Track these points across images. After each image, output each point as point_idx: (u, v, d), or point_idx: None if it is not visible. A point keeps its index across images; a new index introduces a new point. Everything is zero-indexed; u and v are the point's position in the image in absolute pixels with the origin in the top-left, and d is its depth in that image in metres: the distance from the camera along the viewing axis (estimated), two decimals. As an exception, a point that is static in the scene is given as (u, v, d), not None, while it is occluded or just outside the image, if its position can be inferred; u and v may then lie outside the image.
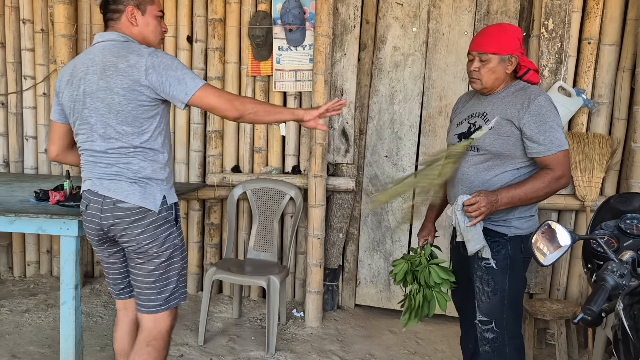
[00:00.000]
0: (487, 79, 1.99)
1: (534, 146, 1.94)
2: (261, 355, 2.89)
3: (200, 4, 3.45)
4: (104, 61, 1.83)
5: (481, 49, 1.98)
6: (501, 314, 2.02)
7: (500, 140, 1.98)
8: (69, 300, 2.41)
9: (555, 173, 1.93)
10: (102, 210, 1.87)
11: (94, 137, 1.87)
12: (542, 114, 1.93)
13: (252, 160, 3.51)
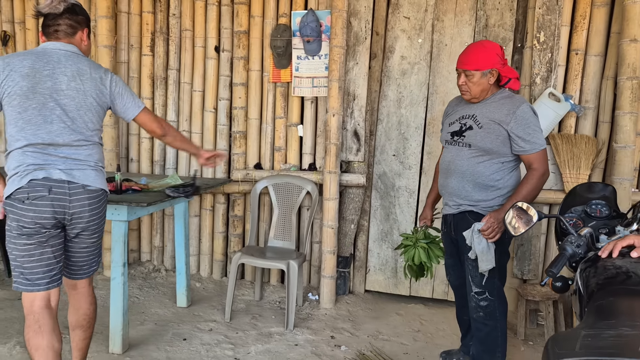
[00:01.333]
0: (474, 91, 2.39)
1: (521, 144, 2.34)
2: (281, 331, 3.25)
3: (227, 17, 3.84)
4: (77, 67, 2.12)
5: (465, 67, 2.37)
6: (493, 284, 2.43)
7: (489, 139, 2.37)
8: (118, 277, 2.80)
9: (539, 171, 2.34)
10: (69, 195, 2.10)
11: (51, 129, 2.07)
12: (526, 119, 2.34)
13: (273, 158, 3.89)
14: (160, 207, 3.13)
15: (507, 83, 2.43)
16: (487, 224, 2.32)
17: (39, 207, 2.06)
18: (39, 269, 2.12)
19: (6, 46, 4.13)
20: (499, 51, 2.39)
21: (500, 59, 2.39)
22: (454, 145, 2.50)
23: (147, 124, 2.38)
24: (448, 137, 2.53)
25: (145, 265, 4.19)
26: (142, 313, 3.43)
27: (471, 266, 2.45)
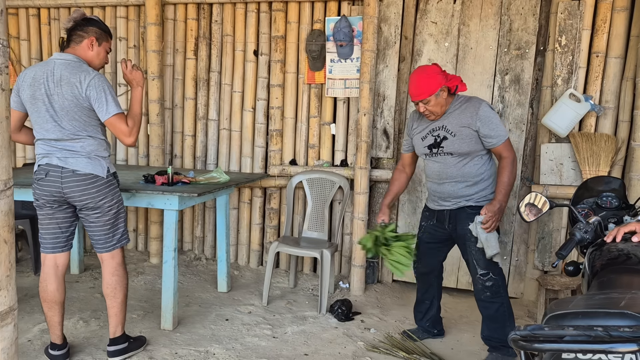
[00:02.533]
0: (436, 111, 2.76)
1: (489, 140, 2.72)
2: (314, 315, 3.51)
3: (265, 23, 4.12)
4: (60, 74, 2.49)
5: (420, 98, 2.72)
6: (495, 264, 2.77)
7: (466, 143, 2.75)
8: (169, 260, 3.10)
9: (509, 158, 2.74)
10: (62, 177, 2.52)
11: (47, 127, 2.51)
12: (488, 117, 2.72)
13: (307, 154, 4.15)
14: (207, 198, 3.43)
15: (457, 89, 2.77)
16: (485, 218, 2.65)
17: (41, 187, 2.56)
18: (47, 236, 2.67)
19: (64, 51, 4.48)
20: (438, 70, 2.73)
21: (443, 75, 2.72)
22: (436, 156, 2.84)
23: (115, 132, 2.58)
24: (426, 151, 2.87)
25: (187, 254, 4.51)
26: (186, 296, 3.73)
27: (474, 252, 2.77)
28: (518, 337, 1.14)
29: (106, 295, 2.76)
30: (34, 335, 3.02)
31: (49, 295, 2.69)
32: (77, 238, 4.11)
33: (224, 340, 3.05)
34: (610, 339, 1.06)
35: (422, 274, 3.16)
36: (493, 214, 2.66)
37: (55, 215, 2.63)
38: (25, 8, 4.55)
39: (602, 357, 1.14)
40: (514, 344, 1.15)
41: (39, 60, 4.61)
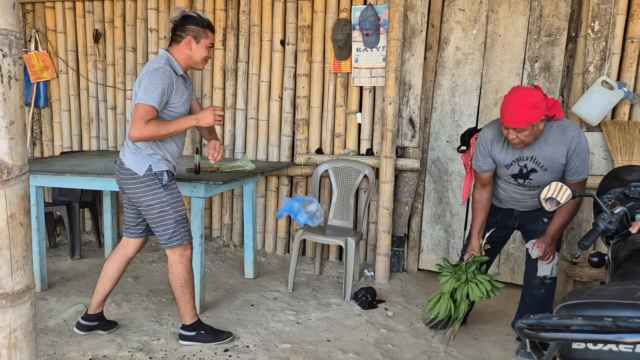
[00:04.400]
0: (527, 141, 2.53)
1: (572, 176, 2.60)
2: (338, 302, 3.55)
3: (292, 13, 4.14)
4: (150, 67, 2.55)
5: (519, 126, 2.44)
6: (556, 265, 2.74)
7: (555, 177, 2.60)
8: (196, 246, 3.18)
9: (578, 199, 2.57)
10: (118, 169, 2.69)
11: None
12: (583, 155, 2.57)
13: (333, 143, 4.18)
14: (232, 186, 3.49)
15: (553, 117, 2.57)
16: (540, 252, 2.61)
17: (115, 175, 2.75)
18: (125, 222, 2.87)
19: (97, 43, 4.63)
20: (541, 97, 2.44)
21: (544, 102, 2.45)
22: (522, 187, 2.74)
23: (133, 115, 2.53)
24: (510, 180, 2.75)
25: (215, 241, 4.61)
26: (214, 282, 3.83)
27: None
28: (524, 325, 1.14)
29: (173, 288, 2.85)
30: (69, 316, 3.16)
31: (106, 267, 2.89)
32: (110, 224, 4.26)
33: (249, 324, 3.13)
34: (617, 330, 1.05)
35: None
36: (547, 246, 2.63)
37: (126, 202, 2.80)
38: (61, 1, 4.69)
39: (613, 347, 1.13)
40: (520, 332, 1.15)
41: (74, 52, 4.76)
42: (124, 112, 4.69)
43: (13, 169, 0.77)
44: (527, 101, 2.41)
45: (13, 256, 0.79)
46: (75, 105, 4.83)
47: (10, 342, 0.80)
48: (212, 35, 2.71)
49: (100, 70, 4.71)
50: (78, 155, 4.18)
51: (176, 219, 2.69)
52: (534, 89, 2.50)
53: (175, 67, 2.61)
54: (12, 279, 0.80)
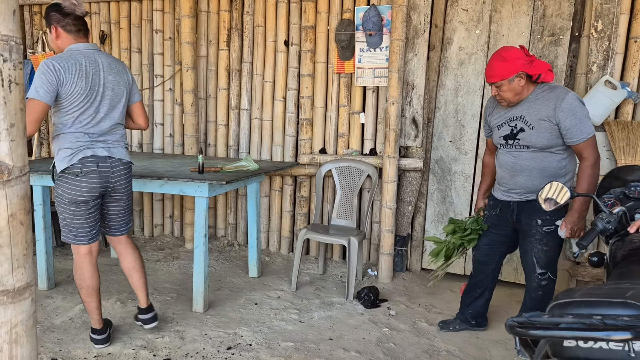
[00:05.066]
0: (507, 97, 2.59)
1: (570, 135, 2.51)
2: (341, 301, 3.57)
3: (295, 13, 4.16)
4: (108, 62, 2.60)
5: (491, 80, 2.59)
6: (554, 265, 2.69)
7: (544, 136, 2.56)
8: (200, 245, 3.22)
9: (590, 160, 2.51)
10: (112, 167, 2.64)
11: (99, 118, 2.58)
12: (573, 110, 2.49)
13: (337, 143, 4.20)
14: (235, 186, 3.52)
15: (539, 78, 2.56)
16: (567, 232, 2.53)
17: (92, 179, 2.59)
18: (84, 229, 2.66)
19: (103, 44, 4.68)
20: (518, 53, 2.54)
21: (524, 60, 2.52)
22: (511, 148, 2.69)
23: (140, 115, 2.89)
24: (502, 141, 2.72)
25: (220, 240, 4.64)
26: (218, 281, 3.86)
27: (536, 249, 2.67)
28: (514, 323, 1.16)
29: (135, 269, 2.88)
30: (75, 314, 3.20)
31: (86, 282, 2.72)
32: (116, 223, 4.30)
33: (252, 323, 3.15)
34: (604, 327, 1.06)
35: (480, 262, 3.01)
36: (573, 225, 2.54)
37: (93, 208, 2.66)
38: (68, 3, 4.74)
39: (604, 345, 1.14)
40: (511, 330, 1.17)
41: (81, 53, 4.81)
42: (129, 113, 4.73)
43: (14, 170, 0.80)
44: (500, 55, 2.56)
45: (14, 254, 0.82)
46: (82, 106, 4.88)
47: (11, 337, 0.83)
48: None
49: (106, 71, 4.75)
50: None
51: None
52: (513, 47, 2.61)
53: None
54: (12, 277, 0.83)
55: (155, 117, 4.68)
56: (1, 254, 0.81)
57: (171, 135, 4.64)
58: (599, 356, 1.15)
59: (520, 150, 2.65)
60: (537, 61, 2.58)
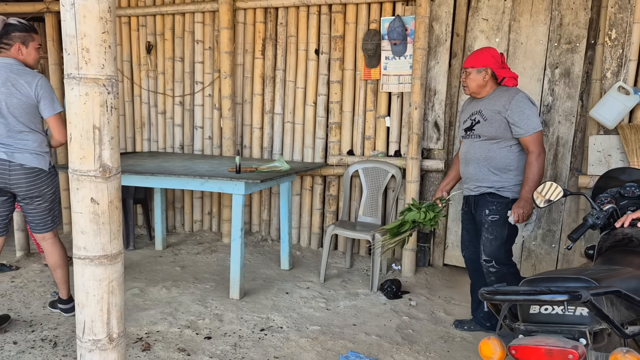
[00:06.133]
0: (471, 86, 2.93)
1: (516, 129, 2.83)
2: (366, 292, 3.85)
3: (325, 24, 4.47)
4: (7, 75, 2.77)
5: (464, 65, 2.98)
6: (498, 256, 2.92)
7: (493, 127, 2.89)
8: (237, 238, 3.56)
9: (534, 153, 2.82)
10: (10, 170, 2.82)
11: None
12: (520, 107, 2.82)
13: (363, 145, 4.48)
14: (269, 184, 3.85)
15: (502, 81, 2.92)
16: (515, 217, 2.79)
17: None
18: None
19: (149, 53, 5.09)
20: (494, 54, 2.92)
21: (495, 61, 2.90)
22: (468, 138, 3.02)
23: (53, 128, 2.91)
24: (463, 133, 3.08)
25: (254, 235, 4.99)
26: (253, 272, 4.20)
27: (484, 238, 2.96)
28: (485, 291, 1.43)
29: (58, 266, 3.16)
30: (127, 298, 3.58)
31: None
32: (160, 219, 4.69)
33: (283, 309, 3.47)
34: (549, 292, 1.32)
35: (469, 259, 3.24)
36: (519, 210, 2.78)
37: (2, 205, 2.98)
38: (118, 17, 5.18)
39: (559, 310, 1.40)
40: (481, 296, 1.44)
41: (129, 62, 5.24)
42: (172, 117, 5.13)
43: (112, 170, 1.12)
44: (480, 49, 2.98)
45: (111, 229, 1.14)
46: (130, 111, 5.32)
47: (109, 289, 1.16)
48: (37, 38, 2.94)
49: (151, 79, 5.17)
50: (132, 156, 4.63)
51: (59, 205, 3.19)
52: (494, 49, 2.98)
53: None
54: (110, 245, 1.16)
55: (195, 120, 5.06)
56: (103, 229, 1.13)
57: (210, 138, 5.01)
58: (556, 319, 1.40)
59: (473, 140, 2.98)
60: (508, 69, 2.94)
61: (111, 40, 1.08)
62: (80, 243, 1.16)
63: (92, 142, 1.09)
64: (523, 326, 1.45)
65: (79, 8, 1.04)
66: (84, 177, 1.11)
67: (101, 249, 1.15)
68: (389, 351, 2.93)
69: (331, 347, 2.94)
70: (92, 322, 1.17)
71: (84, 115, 1.08)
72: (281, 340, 3.02)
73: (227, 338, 3.02)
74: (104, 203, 1.13)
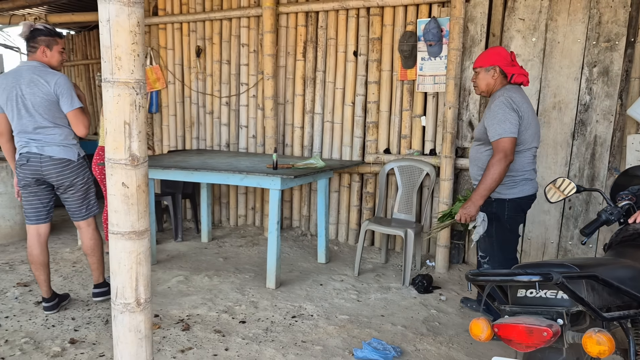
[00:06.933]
0: (480, 85, 3.00)
1: (488, 132, 2.85)
2: (398, 286, 3.97)
3: (363, 27, 4.61)
4: (30, 76, 3.04)
5: (474, 67, 3.06)
6: (492, 253, 2.99)
7: (478, 130, 3.00)
8: (273, 231, 3.77)
9: (494, 158, 2.79)
10: (41, 162, 3.09)
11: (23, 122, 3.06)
12: (494, 112, 2.84)
13: (399, 144, 4.59)
14: (303, 180, 4.03)
15: (512, 78, 2.92)
16: (457, 217, 2.93)
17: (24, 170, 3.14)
18: (30, 210, 3.24)
19: (199, 57, 5.40)
20: (502, 52, 2.96)
21: (503, 59, 2.92)
22: None
23: (72, 123, 3.13)
24: None
25: (295, 230, 5.19)
26: (290, 265, 4.40)
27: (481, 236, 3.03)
28: (469, 274, 1.55)
29: (86, 254, 3.43)
30: (172, 284, 3.87)
31: (34, 258, 3.25)
32: (206, 213, 4.98)
33: (315, 299, 3.65)
34: (525, 273, 1.42)
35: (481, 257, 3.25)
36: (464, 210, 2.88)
37: (37, 193, 3.21)
38: (171, 23, 5.53)
39: (543, 294, 1.49)
40: (467, 279, 1.56)
41: (180, 65, 5.58)
42: (219, 116, 5.42)
43: (140, 159, 1.34)
44: (488, 50, 3.05)
45: (139, 209, 1.36)
46: (180, 111, 5.66)
47: (137, 260, 1.37)
48: (61, 42, 3.19)
49: (200, 81, 5.48)
50: (181, 153, 4.95)
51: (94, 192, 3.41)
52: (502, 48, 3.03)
53: None
54: (138, 223, 1.37)
55: (240, 120, 5.33)
56: (132, 209, 1.35)
57: (254, 136, 5.26)
58: (539, 302, 1.50)
59: (474, 141, 3.11)
60: (518, 67, 2.94)
61: (139, 50, 1.29)
62: (113, 220, 1.38)
63: (123, 135, 1.30)
64: (509, 308, 1.56)
65: (113, 23, 1.26)
66: (117, 164, 1.33)
67: (130, 225, 1.36)
68: (412, 341, 3.04)
69: (357, 335, 3.09)
70: (123, 287, 1.39)
71: (117, 113, 1.29)
72: (310, 326, 3.20)
73: (260, 323, 3.23)
74: (132, 187, 1.34)
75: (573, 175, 4.01)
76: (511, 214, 2.93)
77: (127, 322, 1.41)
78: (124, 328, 1.42)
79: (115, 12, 1.25)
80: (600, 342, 1.31)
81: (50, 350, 2.84)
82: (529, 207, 3.03)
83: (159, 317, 3.29)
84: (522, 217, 3.05)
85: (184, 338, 3.00)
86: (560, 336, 1.41)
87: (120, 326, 1.42)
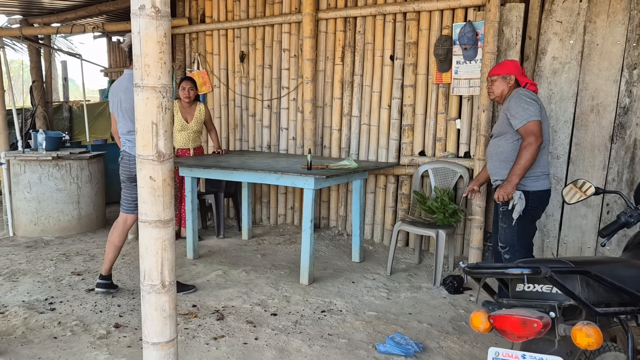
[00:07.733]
0: (495, 91, 3.27)
1: (513, 121, 3.08)
2: (429, 286, 4.02)
3: (400, 31, 4.70)
4: (126, 84, 3.47)
5: (489, 74, 3.39)
6: (512, 243, 3.15)
7: (500, 124, 3.23)
8: (307, 229, 3.91)
9: (525, 141, 3.04)
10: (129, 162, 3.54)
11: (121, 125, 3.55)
12: (516, 100, 3.10)
13: (434, 146, 4.64)
14: (337, 181, 4.16)
15: (525, 86, 3.23)
16: (495, 195, 3.18)
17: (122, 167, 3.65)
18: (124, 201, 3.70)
19: (242, 62, 5.64)
20: (517, 64, 3.32)
21: (518, 70, 3.28)
22: (491, 139, 3.32)
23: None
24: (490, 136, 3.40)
25: (332, 230, 5.33)
26: (325, 263, 4.53)
27: (500, 228, 3.24)
28: (465, 267, 1.63)
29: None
30: (211, 277, 4.09)
31: (113, 238, 3.69)
32: (247, 211, 5.19)
33: (346, 296, 3.76)
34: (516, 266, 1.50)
35: (493, 249, 3.51)
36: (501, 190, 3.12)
37: (129, 186, 3.64)
38: (217, 30, 5.80)
39: (539, 289, 1.56)
40: (462, 271, 1.65)
41: (225, 70, 5.84)
42: (261, 119, 5.64)
43: (165, 155, 1.51)
44: (503, 62, 3.35)
45: (164, 201, 1.53)
46: (225, 113, 5.91)
47: (162, 246, 1.55)
48: None
49: (244, 85, 5.71)
50: (225, 154, 5.18)
51: None
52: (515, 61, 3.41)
53: None
54: (164, 213, 1.54)
55: (281, 122, 5.51)
56: (158, 200, 1.52)
57: (294, 138, 5.44)
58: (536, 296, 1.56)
59: (492, 139, 3.33)
60: (527, 77, 3.31)
61: (166, 58, 1.46)
62: (142, 210, 1.56)
63: (150, 134, 1.48)
64: (506, 301, 1.62)
65: (143, 35, 1.44)
66: (145, 160, 1.51)
67: (156, 215, 1.54)
68: (436, 338, 3.11)
69: (382, 330, 3.19)
70: (150, 270, 1.56)
71: (145, 114, 1.47)
72: (338, 321, 3.32)
73: (290, 316, 3.38)
74: (159, 180, 1.51)
75: (611, 179, 3.94)
76: (534, 205, 3.15)
77: (153, 301, 1.59)
78: (150, 307, 1.59)
79: (145, 25, 1.43)
80: (588, 335, 1.36)
81: (97, 332, 3.09)
82: (547, 201, 3.25)
83: (196, 307, 3.50)
84: (541, 211, 3.27)
85: (218, 327, 3.19)
86: (552, 328, 1.47)
87: (147, 305, 1.59)
